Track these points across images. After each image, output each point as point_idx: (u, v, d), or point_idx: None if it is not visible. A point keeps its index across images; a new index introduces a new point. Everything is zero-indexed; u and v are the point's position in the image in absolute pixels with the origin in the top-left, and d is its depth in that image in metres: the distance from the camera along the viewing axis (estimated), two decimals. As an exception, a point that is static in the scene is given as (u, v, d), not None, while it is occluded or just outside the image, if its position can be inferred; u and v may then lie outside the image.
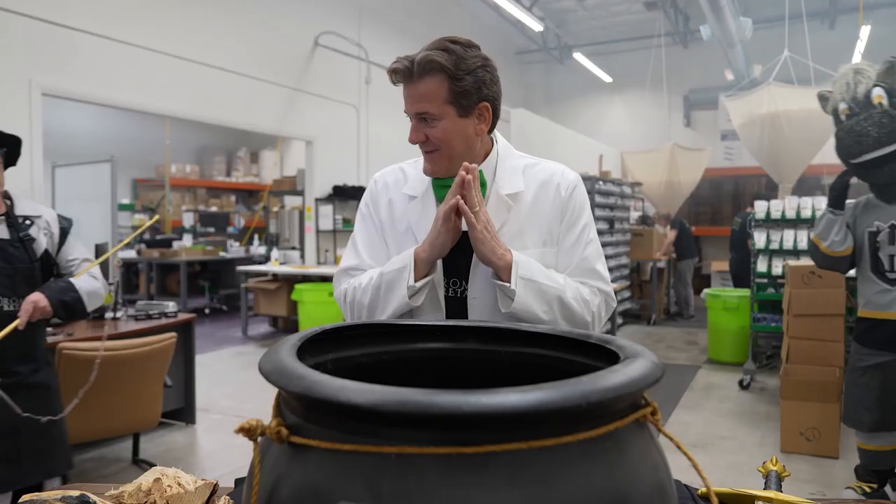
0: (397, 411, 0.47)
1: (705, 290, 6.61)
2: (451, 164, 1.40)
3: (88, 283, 2.24)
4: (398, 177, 1.54)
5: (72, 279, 2.21)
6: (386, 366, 0.82)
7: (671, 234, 8.84)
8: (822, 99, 2.76)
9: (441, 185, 1.44)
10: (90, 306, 2.24)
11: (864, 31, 8.85)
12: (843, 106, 2.59)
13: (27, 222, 2.19)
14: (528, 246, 1.40)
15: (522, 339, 0.81)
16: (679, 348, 7.09)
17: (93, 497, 1.07)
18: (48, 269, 2.23)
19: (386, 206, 1.51)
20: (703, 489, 0.67)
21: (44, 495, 1.07)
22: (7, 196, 2.20)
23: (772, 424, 4.27)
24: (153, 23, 6.14)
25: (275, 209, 10.15)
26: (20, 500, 1.06)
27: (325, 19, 8.26)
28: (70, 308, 2.17)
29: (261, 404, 4.48)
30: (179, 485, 1.11)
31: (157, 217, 2.99)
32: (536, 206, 1.43)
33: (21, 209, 2.21)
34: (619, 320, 7.94)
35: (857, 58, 9.13)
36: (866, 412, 2.71)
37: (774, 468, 1.32)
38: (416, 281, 1.34)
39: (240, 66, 7.06)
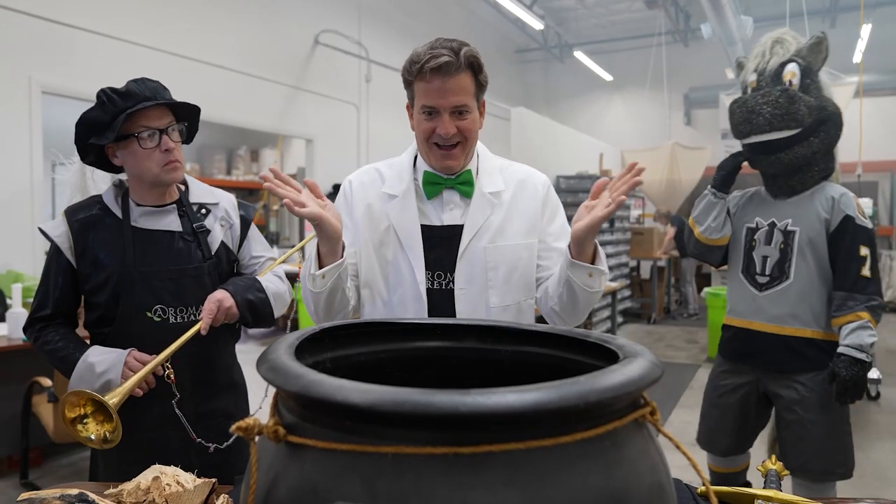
0: (394, 411, 0.47)
1: (705, 289, 6.61)
2: (466, 158, 1.49)
3: (275, 283, 1.81)
4: (374, 176, 1.57)
5: (257, 277, 1.81)
6: (385, 364, 0.82)
7: (671, 231, 8.85)
8: (738, 66, 2.39)
9: (431, 181, 1.49)
10: (276, 312, 1.81)
11: (865, 30, 8.83)
12: (751, 77, 2.22)
13: (202, 211, 1.78)
14: (511, 238, 1.49)
15: (522, 337, 0.81)
16: (679, 347, 7.09)
17: (92, 495, 1.07)
18: (224, 270, 1.80)
19: (363, 206, 1.53)
20: (703, 488, 0.67)
21: (42, 493, 1.07)
22: (182, 181, 1.81)
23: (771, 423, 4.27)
24: (153, 21, 6.13)
25: (275, 207, 10.15)
26: (19, 498, 1.06)
27: (326, 17, 8.25)
28: (257, 311, 1.73)
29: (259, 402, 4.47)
30: (178, 483, 1.11)
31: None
32: (517, 203, 1.52)
33: (196, 195, 1.80)
34: (620, 319, 7.94)
35: (857, 57, 9.13)
36: (723, 436, 2.37)
37: (774, 467, 1.32)
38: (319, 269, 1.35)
39: (240, 65, 7.05)
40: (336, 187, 8.42)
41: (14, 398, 3.28)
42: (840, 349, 2.05)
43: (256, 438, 0.57)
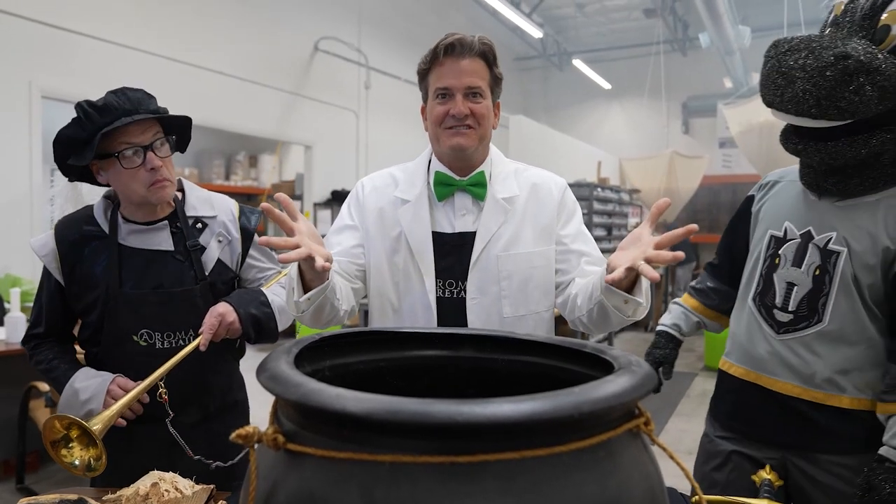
0: (391, 420, 0.47)
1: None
2: (479, 144, 1.44)
3: (281, 296, 1.65)
4: (387, 181, 1.54)
5: (263, 289, 1.67)
6: (384, 373, 0.82)
7: (669, 240, 8.89)
8: None
9: (443, 181, 1.46)
10: (281, 326, 1.67)
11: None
12: None
13: (198, 226, 1.62)
14: (525, 246, 1.45)
15: (519, 347, 0.82)
16: (676, 355, 7.09)
17: (91, 501, 1.07)
18: (220, 291, 1.63)
19: (374, 211, 1.50)
20: (696, 497, 0.68)
21: (42, 499, 1.07)
22: (178, 188, 1.63)
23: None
24: (153, 27, 6.15)
25: (273, 213, 10.14)
26: (18, 503, 1.06)
27: (325, 24, 8.28)
28: (261, 326, 1.59)
29: (259, 408, 4.47)
30: (177, 489, 1.12)
31: None
32: (531, 209, 1.48)
33: (192, 206, 1.63)
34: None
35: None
36: None
37: (768, 476, 1.32)
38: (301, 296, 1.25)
39: (239, 71, 7.07)
40: (334, 194, 8.44)
41: (11, 402, 3.28)
42: (883, 450, 1.32)
43: (256, 446, 0.58)
